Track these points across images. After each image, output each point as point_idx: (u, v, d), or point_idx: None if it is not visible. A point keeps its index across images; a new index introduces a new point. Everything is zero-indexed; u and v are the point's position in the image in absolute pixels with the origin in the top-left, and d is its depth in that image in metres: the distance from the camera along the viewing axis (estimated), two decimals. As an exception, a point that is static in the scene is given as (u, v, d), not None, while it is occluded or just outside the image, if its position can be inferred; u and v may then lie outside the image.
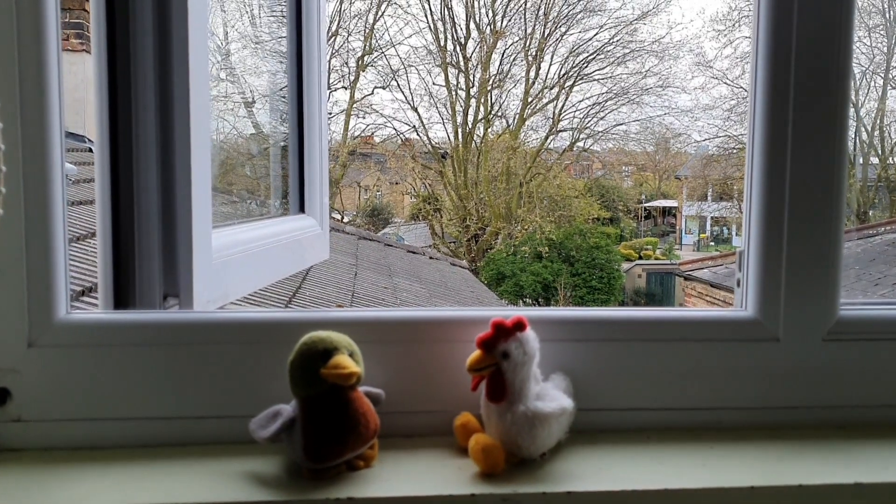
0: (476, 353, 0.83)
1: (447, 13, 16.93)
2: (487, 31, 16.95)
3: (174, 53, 0.98)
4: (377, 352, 0.89)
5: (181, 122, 1.00)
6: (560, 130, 17.71)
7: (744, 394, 0.95)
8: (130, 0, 0.97)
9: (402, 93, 17.47)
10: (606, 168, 21.60)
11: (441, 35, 16.94)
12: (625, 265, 16.96)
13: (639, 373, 0.94)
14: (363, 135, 17.69)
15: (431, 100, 17.72)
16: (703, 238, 22.64)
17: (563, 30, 17.22)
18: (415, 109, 17.36)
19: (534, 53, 17.09)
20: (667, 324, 0.95)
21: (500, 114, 17.59)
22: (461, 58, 17.08)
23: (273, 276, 1.37)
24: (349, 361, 0.80)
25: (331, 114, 16.64)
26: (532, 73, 17.25)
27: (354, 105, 16.84)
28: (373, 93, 17.32)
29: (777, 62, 0.93)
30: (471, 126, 17.11)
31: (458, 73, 17.18)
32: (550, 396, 0.85)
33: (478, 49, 17.08)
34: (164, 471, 0.82)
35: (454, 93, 17.15)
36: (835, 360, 0.95)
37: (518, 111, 17.37)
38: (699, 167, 19.65)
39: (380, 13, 16.57)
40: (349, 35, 16.55)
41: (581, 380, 0.92)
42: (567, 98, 17.51)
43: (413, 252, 8.47)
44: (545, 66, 17.80)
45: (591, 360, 0.93)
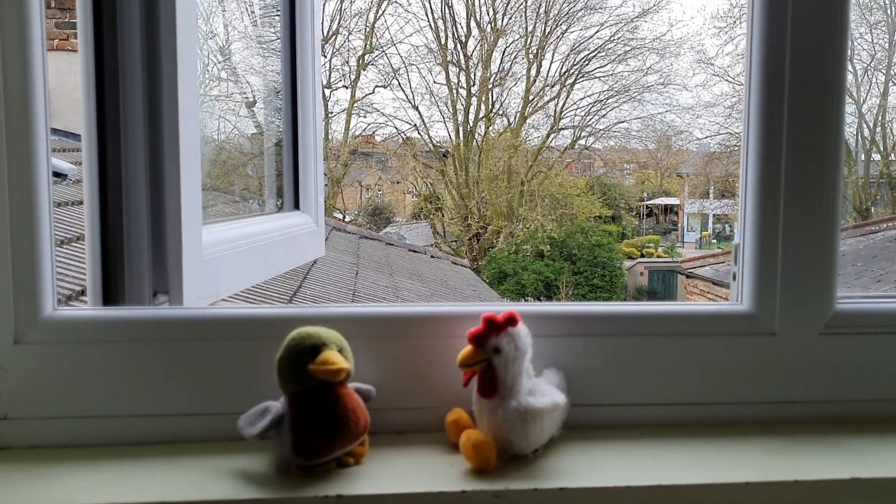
0: (467, 349, 0.82)
1: (448, 11, 16.93)
2: (488, 30, 16.94)
3: (162, 48, 0.97)
4: (368, 348, 0.88)
5: (170, 119, 0.99)
6: (561, 128, 17.71)
7: (739, 388, 0.94)
8: (118, -3, 0.96)
9: (403, 91, 17.48)
10: (608, 166, 21.57)
11: (442, 33, 16.94)
12: (627, 263, 16.96)
13: (633, 368, 0.93)
14: (364, 134, 17.70)
15: (432, 98, 17.73)
16: (705, 236, 22.60)
17: (564, 27, 17.22)
18: (416, 108, 17.38)
19: (535, 51, 17.07)
20: (661, 318, 0.94)
21: (502, 112, 17.59)
22: (462, 56, 17.07)
23: (266, 273, 1.37)
24: (338, 357, 0.79)
25: (332, 113, 16.66)
26: (533, 71, 17.24)
27: (355, 104, 16.85)
28: (374, 92, 17.33)
29: (772, 55, 0.92)
30: (472, 124, 17.11)
31: (459, 72, 17.17)
32: (543, 392, 0.84)
33: (479, 47, 17.08)
34: (152, 468, 0.81)
35: (455, 91, 17.15)
36: (831, 354, 0.94)
37: (519, 109, 17.36)
38: (701, 165, 19.61)
39: (380, 12, 16.58)
40: (350, 34, 16.57)
41: (574, 375, 0.91)
42: (568, 96, 17.50)
43: (414, 251, 8.47)
44: (546, 64, 17.79)
45: (585, 356, 0.92)
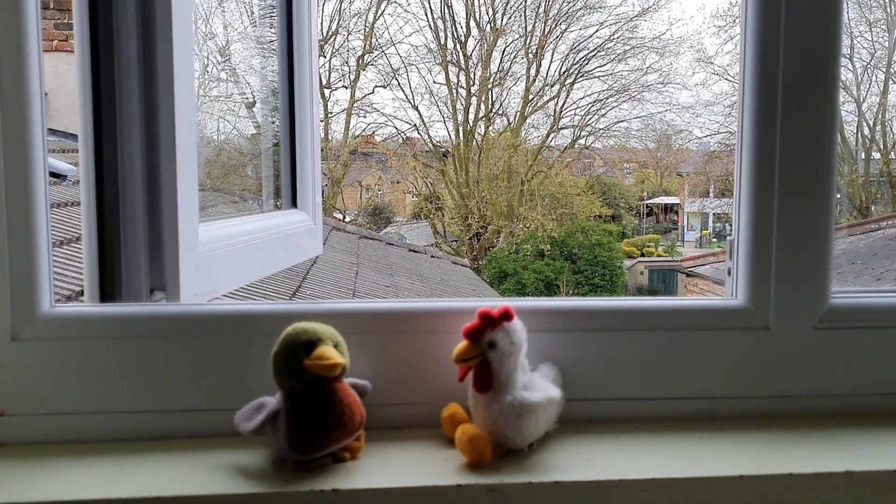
0: (462, 344, 0.82)
1: (447, 11, 16.93)
2: (488, 29, 16.95)
3: (158, 46, 0.98)
4: (363, 343, 0.89)
5: (166, 116, 0.99)
6: (561, 128, 17.70)
7: (734, 383, 0.94)
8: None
9: (403, 91, 17.46)
10: (608, 165, 21.55)
11: (441, 33, 16.94)
12: (627, 262, 16.96)
13: (628, 362, 0.93)
14: (364, 134, 17.69)
15: (432, 98, 17.73)
16: (706, 235, 22.59)
17: (564, 27, 17.21)
18: (415, 108, 17.38)
19: (534, 51, 17.07)
20: (656, 313, 0.94)
21: (501, 112, 17.59)
22: (461, 56, 17.07)
23: (264, 271, 1.37)
24: (333, 352, 0.79)
25: (332, 113, 16.66)
26: (533, 71, 17.25)
27: (355, 104, 16.85)
28: (373, 92, 17.33)
29: (766, 50, 0.92)
30: (472, 124, 17.10)
31: (459, 72, 17.17)
32: (538, 386, 0.85)
33: (478, 47, 17.08)
34: (149, 464, 0.81)
35: (455, 91, 17.15)
36: (826, 349, 0.95)
37: (519, 109, 17.36)
38: (701, 164, 19.60)
39: (379, 12, 16.58)
40: (349, 34, 16.57)
41: (569, 370, 0.91)
42: (568, 95, 17.50)
43: (415, 251, 8.47)
44: (546, 64, 17.77)
45: (580, 350, 0.92)
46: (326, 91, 16.18)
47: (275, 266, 1.43)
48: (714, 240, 21.76)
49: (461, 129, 17.09)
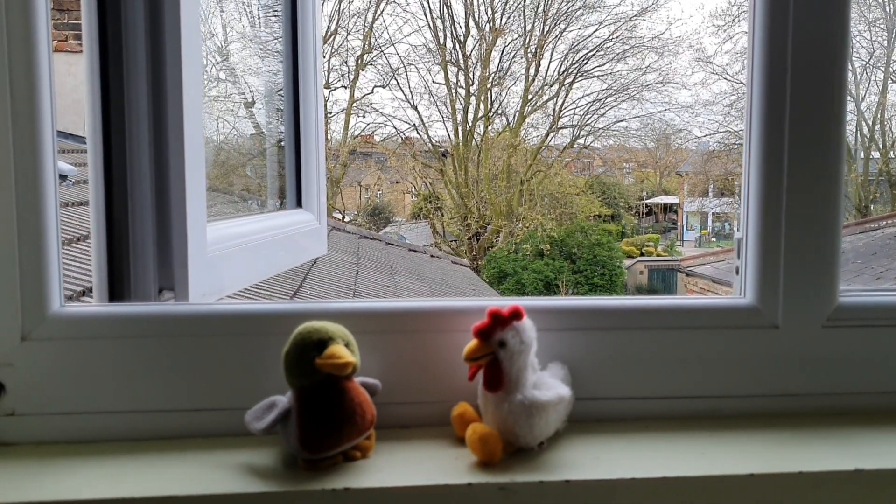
0: (473, 343, 0.82)
1: (446, 11, 16.93)
2: (487, 29, 16.95)
3: (166, 45, 0.98)
4: (374, 342, 0.89)
5: (174, 116, 0.99)
6: (560, 128, 17.71)
7: (743, 381, 0.94)
8: (122, -3, 0.96)
9: (402, 91, 17.46)
10: (607, 165, 21.56)
11: (440, 33, 16.95)
12: (626, 262, 16.96)
13: (637, 361, 0.93)
14: (363, 134, 17.70)
15: (431, 98, 17.74)
16: (705, 234, 22.61)
17: (563, 27, 17.21)
18: (415, 108, 17.38)
19: (533, 50, 17.08)
20: (665, 312, 0.94)
21: (501, 111, 17.59)
22: (461, 56, 17.07)
23: (270, 271, 1.37)
24: (344, 351, 0.79)
25: (331, 113, 16.65)
26: (532, 71, 17.25)
27: (354, 104, 16.84)
28: (372, 91, 17.33)
29: (774, 50, 0.92)
30: (471, 124, 17.11)
31: (458, 71, 17.17)
32: (548, 385, 0.85)
33: (477, 47, 17.08)
34: (159, 464, 0.81)
35: (454, 91, 17.16)
36: (834, 347, 0.95)
37: (518, 109, 17.37)
38: (700, 163, 19.61)
39: (378, 12, 16.58)
40: (348, 34, 16.57)
41: (579, 369, 0.91)
42: (567, 95, 17.51)
43: (414, 251, 8.47)
44: (545, 63, 17.80)
45: (590, 349, 0.92)
46: (325, 91, 16.16)
47: (280, 266, 1.43)
48: (713, 239, 21.79)
49: (460, 129, 17.09)
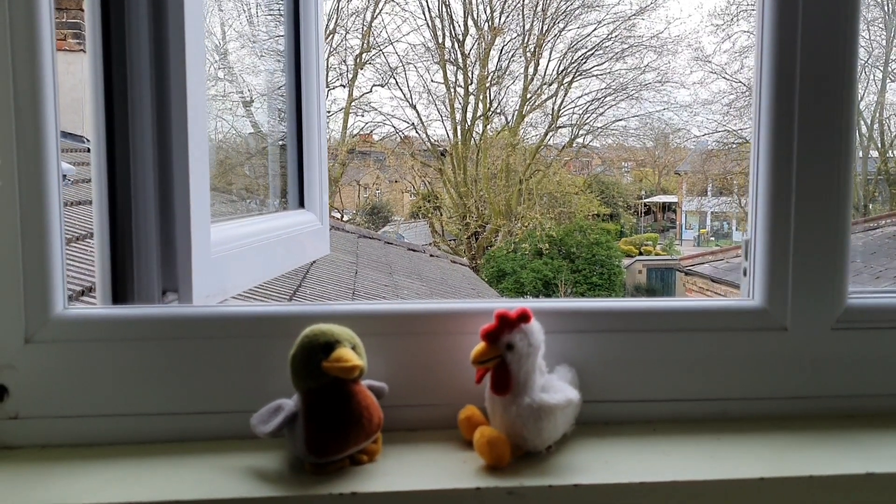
0: (480, 346, 0.82)
1: (445, 10, 16.92)
2: (485, 28, 16.93)
3: (170, 45, 0.97)
4: (380, 345, 0.88)
5: (178, 116, 0.98)
6: (559, 127, 17.70)
7: (752, 384, 0.93)
8: (125, -4, 0.96)
9: (401, 90, 17.46)
10: (606, 164, 21.56)
11: (439, 32, 16.94)
12: (625, 261, 16.97)
13: (645, 364, 0.92)
14: (362, 133, 17.68)
15: (430, 97, 17.74)
16: (703, 233, 22.62)
17: (562, 26, 17.21)
18: (413, 107, 17.38)
19: (532, 50, 17.07)
20: (673, 314, 0.93)
21: (499, 111, 17.58)
22: (459, 55, 17.07)
23: (273, 271, 1.36)
24: (351, 354, 0.78)
25: (329, 112, 16.63)
26: (530, 70, 17.24)
27: (353, 103, 16.83)
28: (371, 91, 17.32)
29: (783, 50, 0.92)
30: (470, 123, 17.09)
31: (457, 70, 17.17)
32: (556, 388, 0.84)
33: (476, 46, 17.07)
34: (164, 467, 0.81)
35: (453, 90, 17.14)
36: (843, 350, 0.94)
37: (517, 108, 17.36)
38: (699, 162, 19.62)
39: (377, 11, 16.56)
40: (347, 33, 16.55)
41: (587, 371, 0.91)
42: (566, 94, 17.50)
43: (413, 250, 8.46)
44: (543, 63, 17.75)
45: (597, 352, 0.92)
46: (324, 87, 16.13)
47: (284, 267, 1.42)
48: (712, 238, 21.80)
49: (459, 128, 17.08)
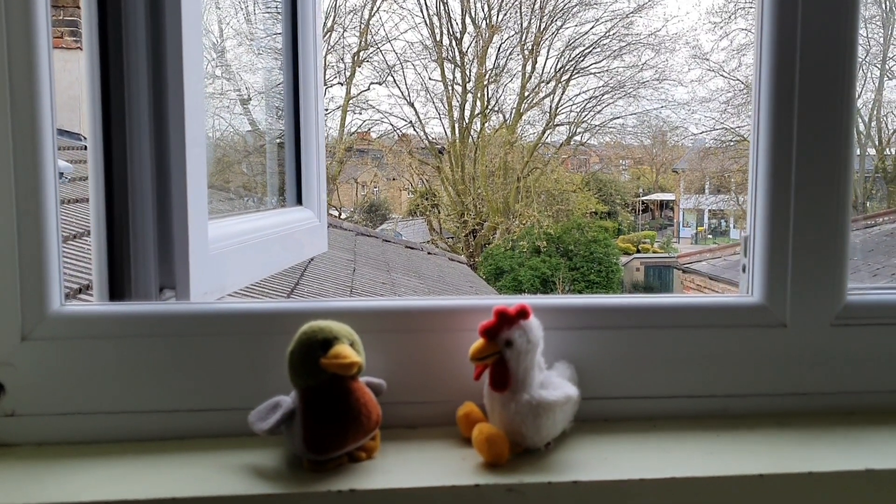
0: (479, 342, 0.81)
1: (442, 8, 16.89)
2: (483, 26, 16.92)
3: (167, 41, 0.97)
4: (378, 341, 0.88)
5: (175, 113, 0.98)
6: (557, 125, 17.69)
7: (751, 380, 0.93)
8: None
9: (399, 88, 17.44)
10: (604, 162, 21.60)
11: (437, 30, 16.91)
12: (623, 259, 16.99)
13: (644, 360, 0.92)
14: (360, 131, 17.66)
15: (428, 95, 17.70)
16: (701, 231, 22.64)
17: (559, 24, 17.20)
18: (411, 105, 17.34)
19: (530, 48, 17.06)
20: (672, 310, 0.93)
21: (497, 108, 17.56)
22: (457, 53, 17.05)
23: (271, 269, 1.36)
24: (350, 351, 0.78)
25: (327, 110, 16.61)
26: (528, 68, 17.22)
27: (350, 101, 16.81)
28: (369, 88, 17.30)
29: (782, 47, 0.91)
30: (468, 121, 17.08)
31: (455, 68, 17.15)
32: (555, 385, 0.84)
33: (474, 44, 17.05)
34: (162, 465, 0.80)
35: (450, 88, 17.13)
36: (843, 346, 0.94)
37: (515, 106, 17.35)
38: (696, 160, 19.63)
39: (375, 8, 16.54)
40: (344, 31, 16.53)
41: (586, 368, 0.90)
42: (564, 92, 17.49)
43: (411, 247, 8.46)
44: (541, 61, 17.70)
45: (596, 348, 0.92)
46: (322, 84, 16.12)
47: (282, 264, 1.42)
48: (709, 236, 21.82)
49: (457, 126, 17.07)
